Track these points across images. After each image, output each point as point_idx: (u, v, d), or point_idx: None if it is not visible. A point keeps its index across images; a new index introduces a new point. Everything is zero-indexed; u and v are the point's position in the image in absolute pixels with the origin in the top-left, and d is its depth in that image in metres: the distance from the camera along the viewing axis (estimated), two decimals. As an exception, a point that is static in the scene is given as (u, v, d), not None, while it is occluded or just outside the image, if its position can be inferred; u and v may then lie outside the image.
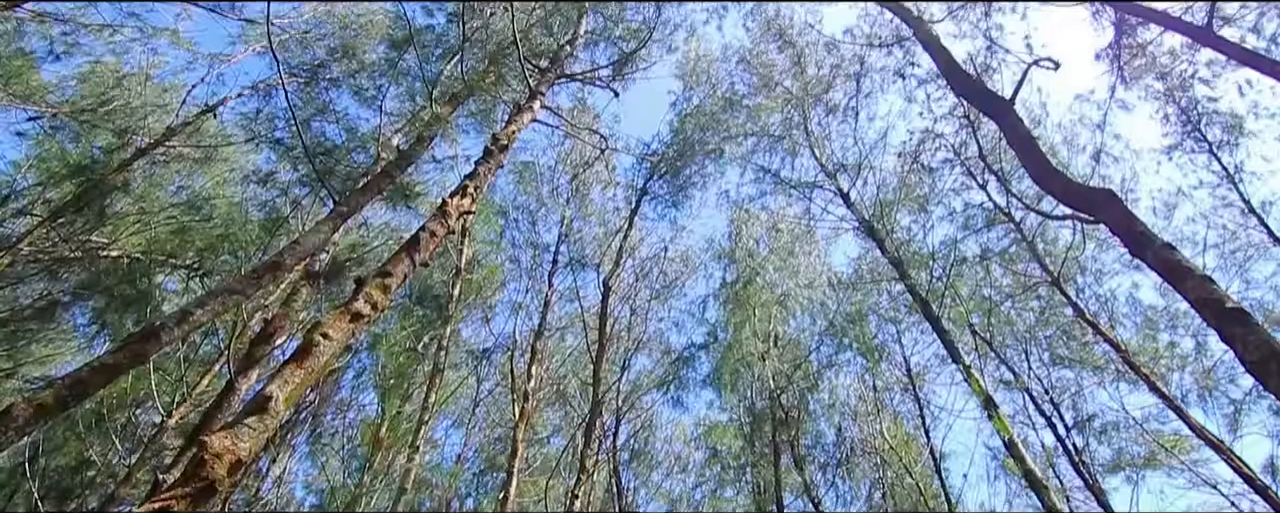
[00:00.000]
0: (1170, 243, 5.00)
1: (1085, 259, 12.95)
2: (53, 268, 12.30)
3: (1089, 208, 5.57)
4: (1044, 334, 13.55)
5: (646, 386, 16.11)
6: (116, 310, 12.61)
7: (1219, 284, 4.65)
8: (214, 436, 2.42)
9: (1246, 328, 4.17)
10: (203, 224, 12.39)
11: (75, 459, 14.13)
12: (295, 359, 2.78)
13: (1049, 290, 12.74)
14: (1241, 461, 9.55)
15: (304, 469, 15.68)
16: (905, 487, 14.79)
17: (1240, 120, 12.01)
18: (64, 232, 11.57)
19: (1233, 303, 4.37)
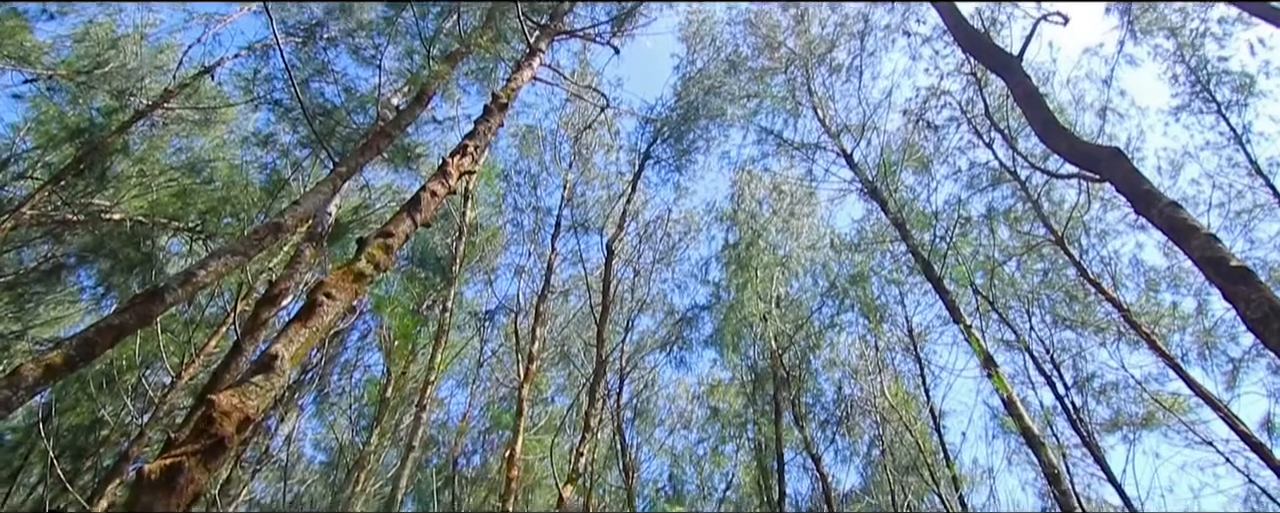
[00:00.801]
0: (1176, 201, 4.95)
1: (1089, 219, 12.89)
2: (56, 231, 12.33)
3: (1095, 166, 5.51)
4: (1046, 295, 13.57)
5: (650, 346, 16.27)
6: (121, 273, 12.69)
7: (1223, 243, 4.63)
8: (222, 394, 2.45)
9: (1249, 286, 4.16)
10: (204, 187, 12.36)
11: (88, 419, 14.40)
12: (299, 319, 2.80)
13: (1053, 251, 12.71)
14: (1238, 419, 9.65)
15: (313, 428, 15.99)
16: (904, 444, 15.05)
17: (1251, 80, 11.80)
18: (65, 195, 11.55)
19: (1236, 261, 4.35)
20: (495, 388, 16.81)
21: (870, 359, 15.75)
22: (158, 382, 13.15)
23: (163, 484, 1.99)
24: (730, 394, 17.05)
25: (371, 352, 15.11)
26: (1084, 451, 12.18)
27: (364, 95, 10.64)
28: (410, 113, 6.78)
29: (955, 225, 12.89)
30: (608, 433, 14.67)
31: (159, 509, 1.95)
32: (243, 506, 13.85)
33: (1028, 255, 13.34)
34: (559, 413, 16.13)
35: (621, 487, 15.60)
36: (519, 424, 8.64)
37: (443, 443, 16.44)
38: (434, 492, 14.65)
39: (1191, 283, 12.78)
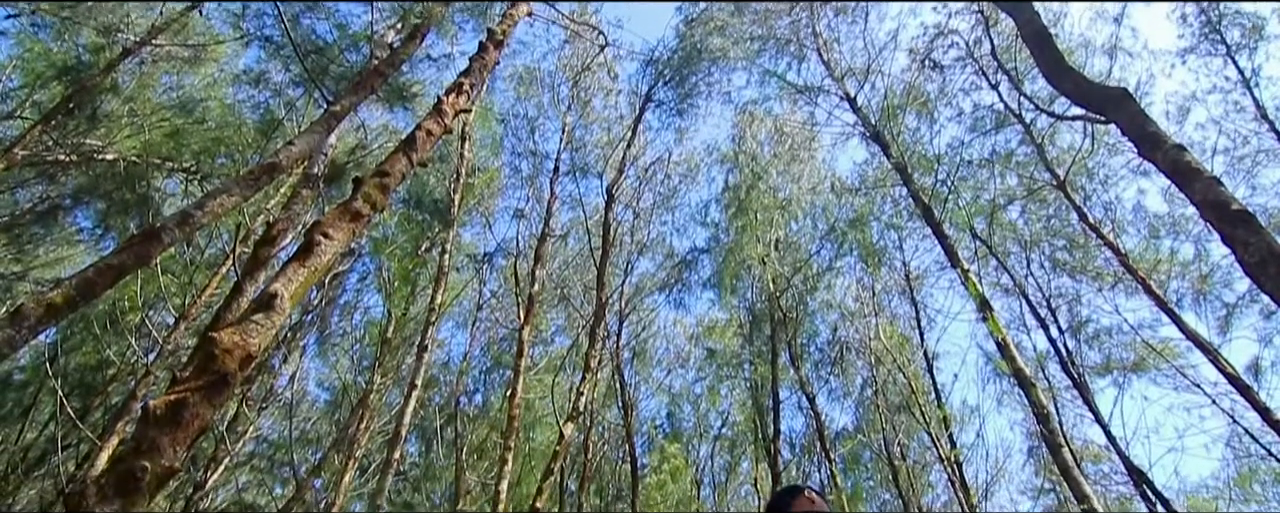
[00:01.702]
0: (1181, 144, 4.90)
1: (1093, 164, 12.79)
2: (50, 172, 12.22)
3: (1101, 107, 5.43)
4: (1046, 241, 13.59)
5: (649, 288, 16.39)
6: (118, 214, 12.64)
7: (1226, 187, 4.59)
8: (223, 332, 2.47)
9: (1249, 230, 4.16)
10: (197, 126, 12.18)
11: (94, 359, 14.61)
12: (298, 258, 2.79)
13: (1054, 196, 12.66)
14: (1227, 362, 9.81)
15: (316, 368, 16.26)
16: (897, 384, 15.35)
17: (1262, 22, 11.50)
18: (56, 135, 11.38)
19: (1238, 206, 4.34)
20: (495, 329, 17.01)
21: (866, 302, 15.90)
22: (161, 322, 13.29)
23: (168, 419, 2.03)
24: (727, 335, 17.29)
25: (371, 293, 15.24)
26: (1074, 393, 12.44)
27: (357, 33, 10.36)
28: (404, 50, 6.62)
29: (957, 169, 12.80)
30: (607, 373, 14.94)
31: (165, 443, 1.99)
32: (250, 442, 14.22)
33: (1029, 200, 13.29)
34: (559, 354, 16.38)
35: (620, 424, 16.00)
36: (519, 364, 8.78)
37: (445, 382, 16.75)
38: (437, 429, 15.03)
39: (1191, 230, 12.79)
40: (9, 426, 14.12)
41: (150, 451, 1.94)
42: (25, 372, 15.23)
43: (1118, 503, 13.72)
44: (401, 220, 13.18)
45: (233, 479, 14.93)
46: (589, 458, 15.26)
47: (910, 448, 15.92)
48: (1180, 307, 12.24)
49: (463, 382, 16.00)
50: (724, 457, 18.76)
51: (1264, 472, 12.77)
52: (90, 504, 1.79)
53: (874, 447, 16.06)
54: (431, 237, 12.77)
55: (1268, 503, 12.85)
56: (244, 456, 14.65)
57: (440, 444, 15.66)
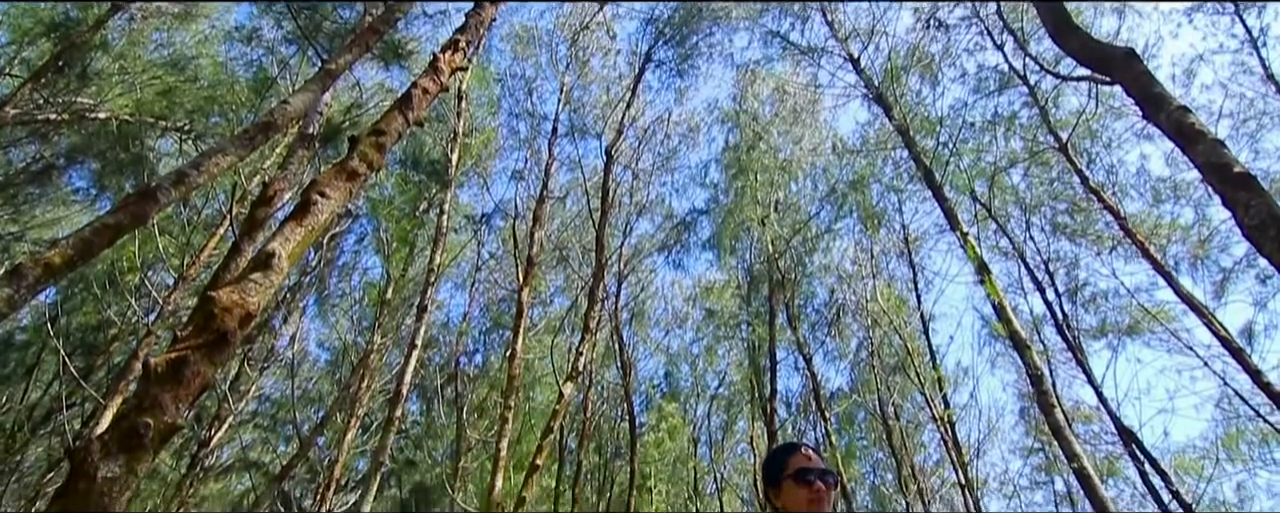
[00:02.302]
0: (1185, 106, 4.84)
1: (1097, 127, 12.67)
2: (42, 131, 12.09)
3: (1106, 67, 5.34)
4: (1046, 204, 13.56)
5: (648, 249, 16.41)
6: (113, 174, 12.55)
7: (1229, 149, 4.56)
8: (222, 291, 2.47)
9: (1250, 193, 4.12)
10: (189, 85, 12.00)
11: (95, 319, 14.69)
12: (295, 217, 2.78)
13: (1056, 158, 12.58)
14: (1221, 325, 9.88)
15: (316, 329, 16.37)
16: (892, 346, 15.50)
17: (1274, -23, 11.23)
18: (47, 93, 11.22)
19: (1240, 168, 4.30)
20: (494, 290, 17.08)
21: (864, 265, 15.95)
22: (160, 282, 13.32)
23: (169, 377, 2.04)
24: (725, 296, 17.38)
25: (369, 255, 15.25)
26: (1068, 355, 12.57)
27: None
28: (399, 7, 6.47)
29: (959, 132, 12.69)
30: (606, 333, 15.05)
31: (168, 400, 2.01)
32: (252, 401, 14.40)
33: (1030, 163, 13.21)
34: (558, 315, 16.47)
35: (619, 384, 16.19)
36: (519, 325, 8.83)
37: (444, 343, 16.88)
38: (438, 388, 15.20)
39: (1192, 194, 12.74)
40: (13, 385, 14.27)
41: (153, 408, 1.95)
42: (27, 332, 15.33)
43: (1106, 462, 14.00)
44: (398, 181, 13.11)
45: (237, 437, 15.16)
46: (588, 417, 15.49)
47: (904, 408, 16.15)
48: (1177, 271, 12.28)
49: (462, 342, 16.13)
50: (720, 416, 19.04)
51: (1251, 433, 12.98)
52: (95, 460, 1.81)
53: (868, 407, 16.30)
54: (429, 198, 12.71)
55: (1254, 463, 13.11)
56: (247, 414, 14.85)
57: (441, 403, 15.85)
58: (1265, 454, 12.90)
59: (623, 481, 15.82)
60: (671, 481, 18.29)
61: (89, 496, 1.73)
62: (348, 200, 3.16)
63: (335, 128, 9.97)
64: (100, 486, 1.76)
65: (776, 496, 1.78)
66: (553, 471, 15.41)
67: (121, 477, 1.80)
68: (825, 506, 1.72)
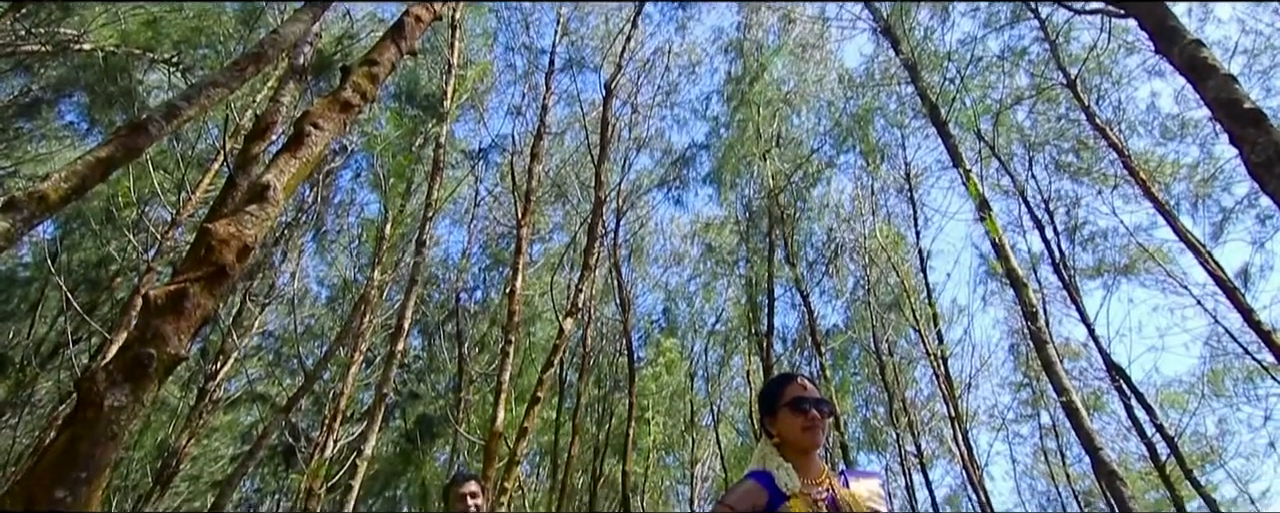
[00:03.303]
0: (1199, 40, 4.71)
1: (1107, 63, 12.39)
2: (26, 63, 11.80)
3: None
4: (1050, 143, 13.42)
5: (647, 185, 16.31)
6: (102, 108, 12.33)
7: (1241, 85, 4.47)
8: (218, 224, 2.45)
9: (1259, 130, 4.07)
10: (175, 15, 11.62)
11: (95, 256, 14.74)
12: (288, 149, 2.73)
13: (1064, 95, 12.36)
14: (1218, 265, 9.94)
15: (315, 266, 16.44)
16: (889, 284, 15.62)
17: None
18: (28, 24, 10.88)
19: (1250, 105, 4.22)
20: (494, 226, 17.07)
21: (864, 202, 15.90)
22: (159, 219, 13.29)
23: (170, 308, 2.05)
24: (724, 233, 17.40)
25: (366, 192, 15.17)
26: (1062, 293, 12.70)
27: (337, -90, 9.66)
28: (388, -70, 6.20)
29: (967, 67, 12.40)
30: (605, 270, 15.14)
31: (170, 331, 2.02)
32: (256, 336, 14.61)
33: (1037, 100, 12.98)
34: (558, 251, 16.51)
35: (618, 319, 16.40)
36: (518, 261, 8.86)
37: (444, 279, 17.00)
38: (439, 324, 15.40)
39: (1199, 132, 12.60)
40: (19, 321, 14.43)
41: (155, 338, 1.97)
42: (29, 268, 15.40)
43: (1092, 396, 14.37)
44: (393, 117, 12.88)
45: (242, 371, 15.44)
46: (588, 351, 15.76)
47: (898, 345, 16.43)
48: (1178, 211, 12.27)
49: (462, 279, 16.24)
50: (717, 351, 19.39)
51: (1237, 369, 13.27)
52: (101, 389, 1.83)
53: (863, 343, 16.57)
54: (425, 133, 12.53)
55: (1237, 398, 13.45)
56: (252, 349, 15.09)
57: (442, 338, 16.09)
58: (1249, 390, 13.24)
59: (621, 412, 16.24)
60: (669, 413, 18.78)
61: (97, 423, 1.76)
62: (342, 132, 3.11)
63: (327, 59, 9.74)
64: (107, 414, 1.79)
65: (773, 423, 1.82)
66: (553, 403, 15.79)
67: (128, 405, 1.83)
68: (820, 433, 1.76)
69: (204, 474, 16.60)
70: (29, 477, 1.74)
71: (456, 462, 14.17)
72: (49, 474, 1.72)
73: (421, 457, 18.22)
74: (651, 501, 20.04)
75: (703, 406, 19.47)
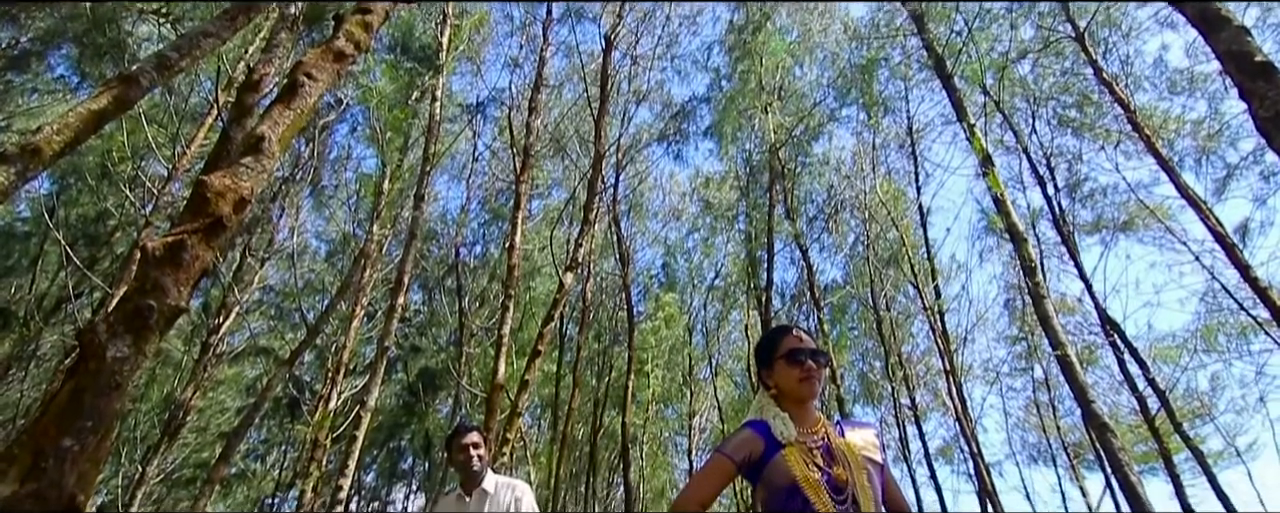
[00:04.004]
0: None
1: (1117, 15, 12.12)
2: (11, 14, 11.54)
3: (1138, -54, 5.02)
4: (1054, 97, 13.24)
5: (647, 139, 16.14)
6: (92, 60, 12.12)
7: (1253, 38, 4.37)
8: (214, 176, 2.43)
9: (1269, 83, 4.00)
10: (162, -37, 11.30)
11: (93, 210, 14.70)
12: (282, 100, 2.68)
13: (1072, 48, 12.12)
14: (1218, 221, 9.92)
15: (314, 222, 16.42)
16: (888, 240, 15.63)
17: None
18: (12, -28, 10.60)
19: (1261, 57, 4.14)
20: (492, 181, 16.98)
21: (865, 158, 15.78)
22: (155, 174, 13.20)
23: (168, 260, 2.04)
24: (724, 188, 17.33)
25: (362, 146, 15.04)
26: (1062, 250, 12.73)
27: None
28: None
29: (975, 19, 12.13)
30: (604, 225, 15.12)
31: (169, 284, 2.02)
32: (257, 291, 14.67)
33: (1044, 54, 12.74)
34: (557, 206, 16.47)
35: (617, 274, 16.46)
36: (517, 216, 8.83)
37: (444, 235, 17.00)
38: (439, 279, 15.47)
39: (1207, 87, 12.41)
40: (20, 276, 14.48)
41: (155, 290, 1.97)
42: (27, 223, 15.39)
43: (1086, 351, 14.54)
44: (388, 69, 12.67)
45: (245, 325, 15.57)
46: (587, 306, 15.87)
47: (896, 300, 16.54)
48: (1181, 166, 12.20)
49: (462, 234, 16.24)
50: (716, 306, 19.53)
51: (1231, 325, 13.38)
52: (102, 340, 1.84)
53: (861, 298, 16.68)
54: (421, 86, 12.34)
55: (1229, 354, 13.61)
56: (253, 304, 15.18)
57: (443, 294, 16.18)
58: (1242, 346, 13.38)
59: (621, 366, 16.46)
60: (668, 366, 19.03)
61: (100, 374, 1.77)
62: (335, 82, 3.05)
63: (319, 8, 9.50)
64: (110, 365, 1.80)
65: (769, 375, 1.84)
66: (554, 356, 15.98)
67: (130, 356, 1.84)
68: (816, 384, 1.78)
69: (211, 426, 16.91)
70: (36, 427, 1.76)
71: (459, 414, 14.42)
72: (55, 424, 1.74)
73: (424, 409, 18.55)
74: (650, 452, 20.49)
75: (701, 359, 19.72)
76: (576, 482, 19.91)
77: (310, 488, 10.00)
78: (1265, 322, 11.35)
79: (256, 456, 19.94)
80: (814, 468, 1.66)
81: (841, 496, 1.63)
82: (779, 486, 1.65)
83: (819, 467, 1.66)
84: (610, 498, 21.78)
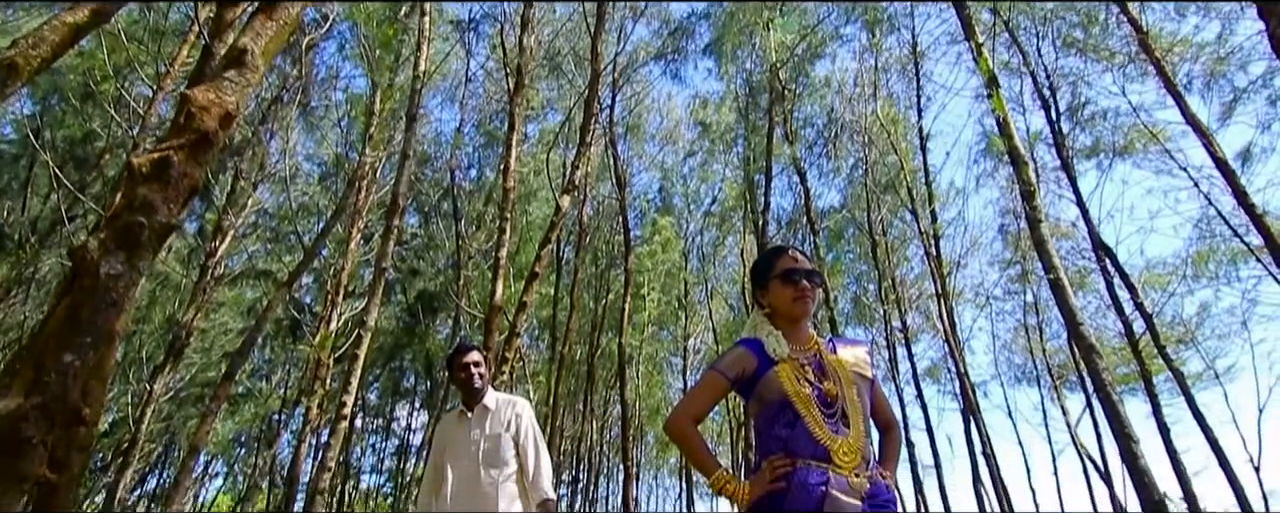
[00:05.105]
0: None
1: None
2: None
3: None
4: (1062, 17, 12.84)
5: (644, 58, 15.70)
6: (64, -30, 11.58)
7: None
8: (197, 90, 2.35)
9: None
10: None
11: (80, 132, 14.44)
12: (262, 11, 2.56)
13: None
14: (1219, 146, 9.81)
15: (306, 145, 16.16)
16: (887, 164, 15.50)
17: None
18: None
19: (1287, -28, 3.98)
20: (487, 102, 16.63)
21: (866, 79, 15.44)
22: (140, 94, 12.90)
23: (155, 177, 2.00)
24: (723, 110, 17.03)
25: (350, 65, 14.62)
26: (1060, 173, 12.67)
27: None
28: None
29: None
30: (601, 148, 14.92)
31: (158, 201, 1.99)
32: (252, 214, 14.60)
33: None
34: (553, 128, 16.22)
35: (614, 197, 16.39)
36: (511, 138, 8.69)
37: (439, 157, 16.79)
38: (436, 202, 15.38)
39: (1220, 8, 12.02)
40: (11, 199, 14.37)
41: (144, 208, 1.94)
42: (14, 146, 15.15)
43: (1077, 276, 14.72)
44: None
45: (242, 248, 15.59)
46: (584, 229, 15.89)
47: (892, 225, 16.58)
48: (1188, 91, 11.98)
49: (456, 157, 16.04)
50: (713, 231, 19.59)
51: (1222, 252, 13.48)
52: (95, 258, 1.83)
53: (858, 222, 16.71)
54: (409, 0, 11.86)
55: (1218, 280, 13.77)
56: (249, 227, 15.14)
57: (439, 217, 16.13)
58: (1230, 272, 13.53)
59: (618, 288, 16.64)
60: (664, 289, 19.26)
61: (95, 291, 1.77)
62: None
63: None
64: (105, 281, 1.80)
65: (764, 295, 1.84)
66: (551, 279, 16.14)
67: (125, 273, 1.84)
68: (810, 304, 1.79)
69: (215, 347, 17.22)
70: (35, 343, 1.78)
71: (458, 335, 14.67)
72: (55, 340, 1.75)
73: (425, 330, 18.87)
74: (646, 371, 21.02)
75: (696, 283, 19.94)
76: (574, 400, 20.53)
77: (315, 405, 10.30)
78: (1257, 248, 11.43)
79: (261, 375, 20.42)
80: (805, 384, 1.68)
81: (831, 409, 1.67)
82: (771, 400, 1.68)
83: (810, 382, 1.69)
84: (607, 415, 22.53)
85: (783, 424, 1.65)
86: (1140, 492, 5.72)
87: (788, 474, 1.58)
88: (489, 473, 2.75)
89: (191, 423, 16.80)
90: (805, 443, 1.61)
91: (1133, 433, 5.98)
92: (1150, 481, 5.71)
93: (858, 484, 1.58)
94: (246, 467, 22.88)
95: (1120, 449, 6.14)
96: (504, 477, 2.76)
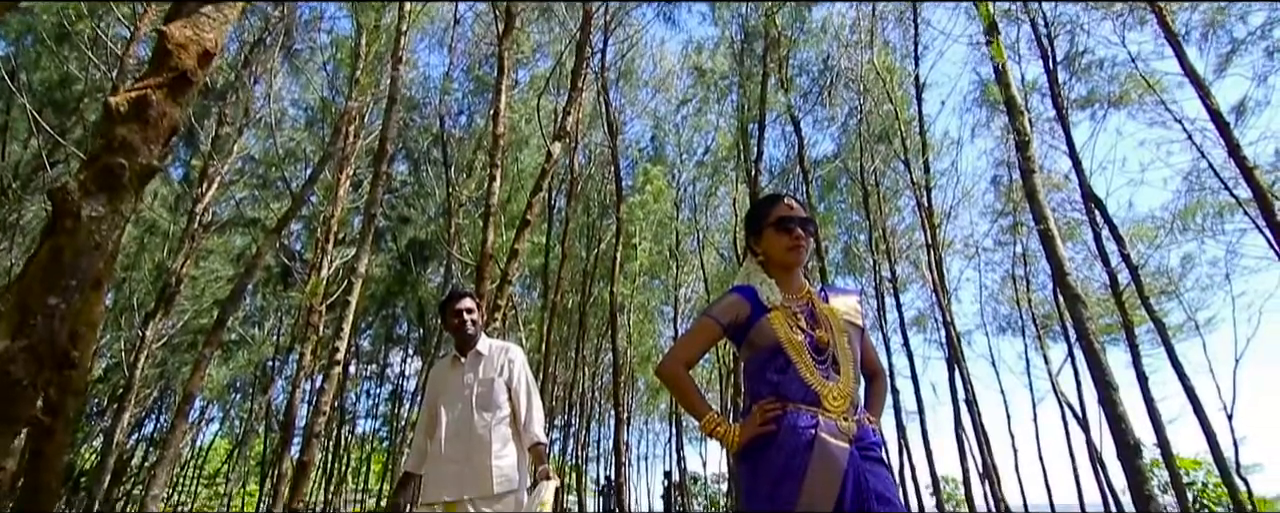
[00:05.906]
0: None
1: None
2: None
3: None
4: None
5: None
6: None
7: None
8: (174, 26, 2.26)
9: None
10: None
11: (57, 75, 14.04)
12: (239, -56, 2.45)
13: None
14: (1214, 98, 9.74)
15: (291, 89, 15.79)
16: (882, 113, 15.35)
17: None
18: None
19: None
20: (476, 46, 16.24)
21: (863, 26, 15.13)
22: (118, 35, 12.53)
23: (133, 117, 1.94)
24: (717, 57, 16.71)
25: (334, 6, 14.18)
26: (1055, 123, 12.60)
27: None
28: None
29: None
30: (592, 95, 14.66)
31: (138, 142, 1.93)
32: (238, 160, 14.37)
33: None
34: (543, 74, 15.90)
35: (606, 146, 16.22)
36: (501, 84, 8.50)
37: (428, 103, 16.48)
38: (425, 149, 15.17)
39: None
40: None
41: (123, 148, 1.89)
42: (-13, 88, 14.73)
43: (1067, 227, 14.82)
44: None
45: (229, 195, 15.41)
46: (576, 177, 15.76)
47: (885, 175, 16.53)
48: (1186, 40, 11.83)
49: (446, 103, 15.75)
50: (705, 181, 19.48)
51: (1210, 205, 13.56)
52: (76, 200, 1.79)
53: (851, 172, 16.65)
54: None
55: (1204, 233, 13.89)
56: (236, 173, 14.93)
57: (429, 165, 15.94)
58: (1217, 225, 13.64)
59: (609, 237, 16.63)
60: (656, 239, 19.27)
61: (77, 233, 1.74)
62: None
63: None
64: (86, 224, 1.76)
65: (757, 243, 1.84)
66: (543, 228, 16.09)
67: (106, 215, 1.80)
68: (803, 252, 1.78)
69: (206, 294, 17.19)
70: (19, 285, 1.75)
71: (450, 282, 14.70)
72: (39, 283, 1.73)
73: (416, 278, 18.89)
74: (638, 320, 21.22)
75: (688, 233, 19.95)
76: (566, 347, 20.76)
77: (309, 352, 10.36)
78: (1245, 201, 11.48)
79: (254, 322, 20.46)
80: (797, 331, 1.70)
81: (822, 356, 1.68)
82: (763, 347, 1.70)
83: (802, 330, 1.70)
84: (599, 362, 22.85)
85: (774, 369, 1.67)
86: (1117, 438, 5.88)
87: (778, 417, 1.61)
88: (482, 417, 2.79)
89: (186, 369, 16.91)
90: (796, 388, 1.63)
91: (1112, 381, 6.11)
92: (1127, 427, 5.87)
93: (846, 428, 1.61)
94: (242, 412, 23.18)
95: (1099, 397, 6.28)
96: (496, 420, 2.80)
